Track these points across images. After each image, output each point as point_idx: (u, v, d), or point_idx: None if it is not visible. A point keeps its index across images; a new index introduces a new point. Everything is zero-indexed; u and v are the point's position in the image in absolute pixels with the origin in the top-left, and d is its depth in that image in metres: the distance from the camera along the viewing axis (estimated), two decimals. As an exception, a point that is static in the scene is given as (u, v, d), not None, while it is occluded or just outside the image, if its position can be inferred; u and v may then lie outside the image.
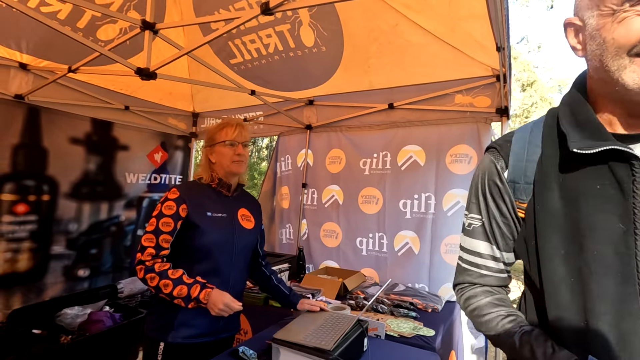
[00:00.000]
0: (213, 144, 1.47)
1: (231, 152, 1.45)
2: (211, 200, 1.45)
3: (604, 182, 0.59)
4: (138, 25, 1.57)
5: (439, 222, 2.33)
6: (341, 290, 2.15)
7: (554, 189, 0.65)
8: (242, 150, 1.47)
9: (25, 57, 2.21)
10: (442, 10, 1.80)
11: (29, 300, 2.31)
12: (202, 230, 1.36)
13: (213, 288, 1.28)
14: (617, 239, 0.58)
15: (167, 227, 1.34)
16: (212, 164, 1.48)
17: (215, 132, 1.49)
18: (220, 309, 1.24)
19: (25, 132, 2.30)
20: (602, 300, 0.59)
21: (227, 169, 1.46)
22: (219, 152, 1.46)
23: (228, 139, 1.45)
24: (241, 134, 1.48)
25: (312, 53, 2.41)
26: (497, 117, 2.16)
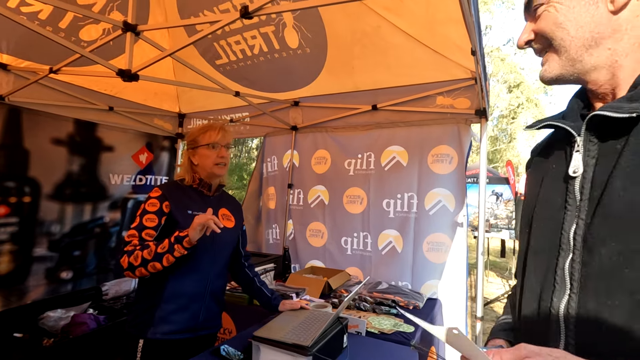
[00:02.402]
0: (196, 146, 1.50)
1: (214, 154, 1.48)
2: (192, 199, 1.48)
3: (559, 161, 0.63)
4: (120, 26, 1.57)
5: (421, 221, 2.38)
6: (325, 289, 2.18)
7: (532, 174, 0.71)
8: (225, 152, 1.50)
9: (6, 58, 2.19)
10: (421, 14, 1.84)
11: (11, 304, 2.27)
12: (183, 227, 1.38)
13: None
14: (555, 214, 0.60)
15: (151, 223, 1.36)
16: (194, 166, 1.51)
17: (198, 134, 1.51)
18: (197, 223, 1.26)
19: (5, 133, 2.27)
20: (534, 273, 0.62)
21: (209, 171, 1.49)
22: (202, 154, 1.48)
23: (211, 141, 1.48)
24: (224, 137, 1.51)
25: (296, 54, 2.44)
26: (477, 119, 2.22)
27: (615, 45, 0.55)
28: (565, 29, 0.58)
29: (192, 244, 1.28)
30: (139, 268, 1.28)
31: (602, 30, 0.55)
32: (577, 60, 0.58)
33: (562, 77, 0.61)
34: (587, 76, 0.59)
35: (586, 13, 0.56)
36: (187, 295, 1.40)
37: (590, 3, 0.56)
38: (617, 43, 0.55)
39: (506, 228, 6.72)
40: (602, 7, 0.55)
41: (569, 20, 0.58)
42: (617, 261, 0.49)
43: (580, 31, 0.57)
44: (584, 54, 0.58)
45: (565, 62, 0.60)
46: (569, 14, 0.58)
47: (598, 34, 0.56)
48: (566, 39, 0.58)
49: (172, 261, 1.29)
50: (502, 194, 8.45)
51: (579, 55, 0.58)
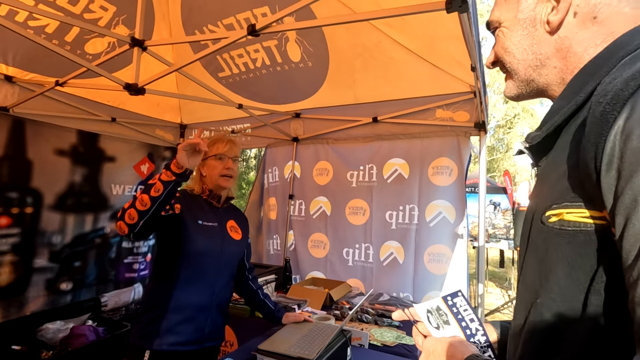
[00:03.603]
0: (205, 157, 1.53)
1: (221, 165, 1.51)
2: (202, 209, 1.50)
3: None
4: (127, 42, 1.60)
5: (422, 232, 2.40)
6: (327, 301, 2.18)
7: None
8: (231, 164, 1.53)
9: (11, 70, 2.21)
10: (422, 30, 1.89)
11: (10, 315, 2.26)
12: (192, 236, 1.40)
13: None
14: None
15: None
16: (203, 177, 1.55)
17: (207, 146, 1.54)
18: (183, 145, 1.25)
19: (9, 144, 2.28)
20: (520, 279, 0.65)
21: (216, 182, 1.52)
22: (210, 165, 1.52)
23: (218, 152, 1.51)
24: (231, 149, 1.55)
25: (298, 68, 2.48)
26: (476, 131, 2.26)
27: (560, 63, 0.56)
28: (512, 53, 0.60)
29: (181, 167, 1.24)
30: (129, 210, 1.22)
31: (544, 50, 0.57)
32: (529, 80, 0.60)
33: (521, 95, 0.63)
34: (546, 93, 0.61)
35: (527, 36, 0.58)
36: (194, 306, 1.41)
37: (530, 26, 0.58)
38: (561, 61, 0.56)
39: (504, 238, 6.72)
40: (540, 29, 0.57)
41: (514, 44, 0.60)
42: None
43: (524, 54, 0.59)
44: (533, 74, 0.59)
45: (519, 83, 0.62)
46: (513, 38, 0.60)
47: (541, 54, 0.57)
48: (513, 62, 0.61)
49: (160, 190, 1.22)
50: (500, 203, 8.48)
51: (528, 76, 0.60)
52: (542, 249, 0.51)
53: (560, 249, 0.47)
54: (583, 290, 0.45)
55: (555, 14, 0.54)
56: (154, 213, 1.23)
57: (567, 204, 0.47)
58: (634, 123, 0.38)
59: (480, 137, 2.22)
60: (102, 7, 2.13)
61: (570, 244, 0.46)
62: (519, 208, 5.11)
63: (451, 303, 0.71)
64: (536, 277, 0.52)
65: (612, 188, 0.40)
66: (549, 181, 0.52)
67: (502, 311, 5.20)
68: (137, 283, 3.03)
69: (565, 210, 0.47)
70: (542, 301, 0.50)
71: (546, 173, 0.54)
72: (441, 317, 0.70)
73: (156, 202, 1.22)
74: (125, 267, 3.01)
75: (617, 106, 0.40)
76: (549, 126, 0.53)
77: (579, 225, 0.45)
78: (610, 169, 0.40)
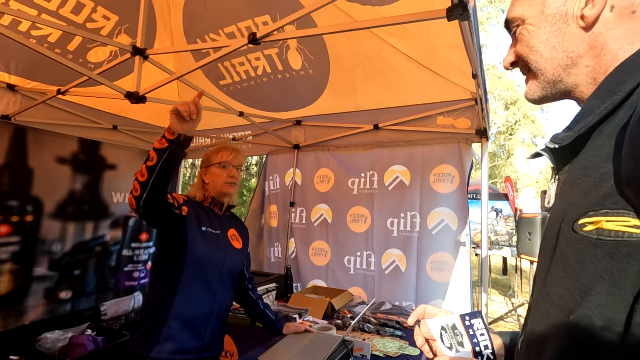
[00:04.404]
0: (208, 165, 1.54)
1: (225, 173, 1.52)
2: (206, 216, 1.51)
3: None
4: (129, 50, 1.61)
5: (424, 240, 2.38)
6: (328, 310, 2.16)
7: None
8: (235, 172, 1.55)
9: (14, 79, 2.23)
10: (422, 38, 1.89)
11: (9, 324, 2.24)
12: (196, 242, 1.39)
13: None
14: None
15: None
16: (206, 184, 1.55)
17: (212, 154, 1.57)
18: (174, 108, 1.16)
19: (10, 152, 2.28)
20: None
21: (219, 189, 1.53)
22: (213, 172, 1.53)
23: (223, 160, 1.52)
24: (236, 157, 1.56)
25: (299, 76, 2.49)
26: (477, 138, 2.25)
27: (593, 62, 0.53)
28: (539, 52, 0.57)
29: (172, 133, 1.18)
30: (134, 182, 1.21)
31: (576, 48, 0.53)
32: (557, 81, 0.56)
33: (545, 97, 0.59)
34: (572, 94, 0.57)
35: (557, 33, 0.54)
36: (195, 314, 1.39)
37: (561, 22, 0.54)
38: (594, 59, 0.52)
39: (507, 245, 6.67)
40: (572, 24, 0.53)
41: (541, 42, 0.56)
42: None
43: (553, 52, 0.55)
44: (562, 74, 0.55)
45: (545, 84, 0.58)
46: (540, 36, 0.56)
47: (573, 52, 0.53)
48: (540, 62, 0.57)
49: (154, 159, 1.18)
50: (502, 210, 8.43)
51: (556, 76, 0.56)
52: (574, 261, 0.46)
53: (598, 261, 0.43)
54: (626, 310, 0.40)
55: (591, 8, 0.50)
56: (154, 186, 1.18)
57: (607, 211, 0.42)
58: None
59: (482, 144, 2.21)
60: (104, 16, 2.15)
61: (610, 256, 0.42)
62: (521, 215, 5.08)
63: (469, 324, 0.66)
64: (566, 292, 0.47)
65: None
66: (581, 186, 0.47)
67: (506, 319, 5.14)
68: (137, 291, 3.00)
69: (605, 218, 0.42)
70: (576, 319, 0.45)
71: (576, 177, 0.49)
72: (456, 338, 0.65)
73: (153, 172, 1.17)
74: (125, 276, 2.99)
75: None
76: (581, 126, 0.49)
77: (622, 235, 0.41)
78: None
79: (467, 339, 0.64)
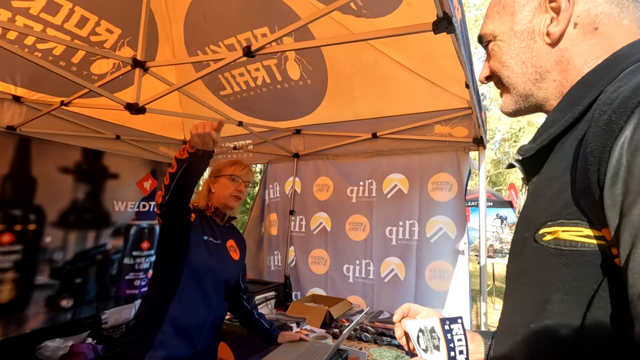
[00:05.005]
0: (218, 175, 1.57)
1: (233, 186, 1.56)
2: (208, 225, 1.54)
3: None
4: (129, 63, 1.65)
5: (423, 248, 2.38)
6: (326, 318, 2.15)
7: None
8: (243, 187, 1.59)
9: (20, 90, 2.28)
10: (417, 48, 1.92)
11: (10, 332, 2.26)
12: (196, 250, 1.41)
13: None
14: None
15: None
16: (211, 193, 1.59)
17: (224, 165, 1.61)
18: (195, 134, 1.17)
19: (15, 162, 2.33)
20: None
21: (224, 201, 1.56)
22: (222, 183, 1.56)
23: (235, 174, 1.56)
24: (247, 174, 1.61)
25: (298, 86, 2.52)
26: (475, 147, 2.26)
27: (560, 76, 0.54)
28: (510, 67, 0.58)
29: (192, 147, 1.22)
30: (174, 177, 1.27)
31: (544, 63, 0.55)
32: (528, 94, 0.58)
33: (519, 110, 0.61)
34: (543, 107, 0.58)
35: (526, 49, 0.56)
36: (189, 322, 1.41)
37: (529, 38, 0.56)
38: (561, 74, 0.54)
39: (511, 253, 6.60)
40: (539, 41, 0.55)
41: (512, 57, 0.58)
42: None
43: (523, 67, 0.57)
44: (532, 88, 0.57)
45: (517, 98, 0.60)
46: (510, 52, 0.58)
47: (541, 67, 0.55)
48: (512, 77, 0.59)
49: (174, 167, 1.25)
50: (507, 217, 8.35)
51: (527, 90, 0.58)
52: (536, 270, 0.47)
53: (556, 271, 0.44)
54: (580, 318, 0.41)
55: (556, 25, 0.52)
56: (175, 191, 1.27)
57: (563, 221, 0.44)
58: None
59: (479, 152, 2.22)
60: (107, 29, 2.21)
61: (567, 265, 0.43)
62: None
63: (448, 328, 0.67)
64: (529, 300, 0.48)
65: (618, 204, 0.37)
66: (544, 197, 0.49)
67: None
68: (138, 300, 3.02)
69: (561, 228, 0.44)
70: (537, 327, 0.46)
71: (540, 188, 0.51)
72: (433, 341, 0.66)
73: (174, 178, 1.25)
74: (126, 284, 3.00)
75: (623, 115, 0.37)
76: (543, 139, 0.51)
77: (576, 245, 0.42)
78: (616, 183, 0.37)
79: (444, 343, 0.65)
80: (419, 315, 0.72)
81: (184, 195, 1.32)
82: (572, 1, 0.51)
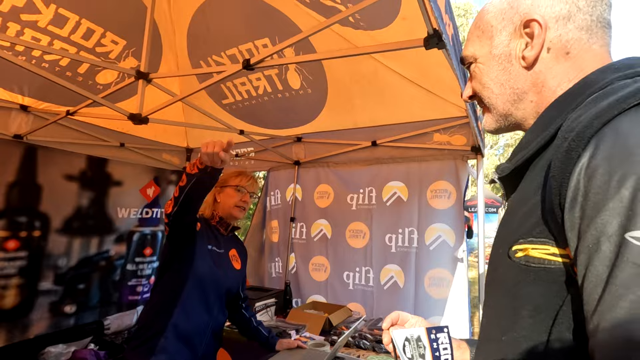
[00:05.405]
0: (224, 185, 1.60)
1: (238, 197, 1.59)
2: (212, 234, 1.57)
3: None
4: (133, 74, 1.70)
5: (422, 256, 2.39)
6: (326, 326, 2.16)
7: None
8: (247, 198, 1.63)
9: (27, 100, 2.34)
10: (415, 59, 1.95)
11: (13, 338, 2.29)
12: (200, 259, 1.44)
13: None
14: None
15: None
16: (217, 203, 1.62)
17: (231, 176, 1.65)
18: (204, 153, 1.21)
19: (21, 170, 2.38)
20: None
21: (229, 211, 1.59)
22: (228, 194, 1.59)
23: (241, 185, 1.60)
24: (252, 185, 1.65)
25: (298, 95, 2.56)
26: (473, 155, 2.28)
27: (536, 97, 0.57)
28: (490, 88, 0.61)
29: (202, 164, 1.26)
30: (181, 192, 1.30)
31: (520, 85, 0.58)
32: (507, 114, 0.61)
33: (500, 129, 0.64)
34: (522, 126, 0.61)
35: (504, 71, 0.59)
36: (191, 329, 1.43)
37: (506, 62, 0.58)
38: (537, 95, 0.57)
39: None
40: (516, 64, 0.57)
41: (491, 79, 0.60)
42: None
43: (502, 88, 0.60)
44: (511, 109, 0.60)
45: (498, 117, 0.62)
46: (490, 74, 0.60)
47: (518, 89, 0.58)
48: (492, 97, 0.61)
49: (184, 180, 1.29)
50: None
51: (506, 110, 0.60)
52: (508, 285, 0.49)
53: (526, 286, 0.46)
54: (547, 333, 0.43)
55: (530, 50, 0.55)
56: (183, 203, 1.30)
57: (532, 239, 0.46)
58: (598, 161, 0.38)
59: (477, 160, 2.24)
60: (113, 41, 2.27)
61: (534, 282, 0.45)
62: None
63: (434, 337, 0.68)
64: (501, 314, 0.50)
65: (576, 227, 0.39)
66: (517, 215, 0.51)
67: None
68: (140, 306, 3.05)
69: (531, 245, 0.46)
70: (507, 340, 0.48)
71: (514, 206, 0.53)
72: (419, 350, 0.67)
73: (183, 192, 1.28)
74: (129, 290, 3.03)
75: (581, 143, 0.40)
76: (518, 159, 0.53)
77: (544, 263, 0.44)
78: (574, 207, 0.39)
79: (429, 352, 0.66)
80: (407, 324, 0.75)
81: (192, 208, 1.35)
82: (544, 27, 0.54)
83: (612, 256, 0.35)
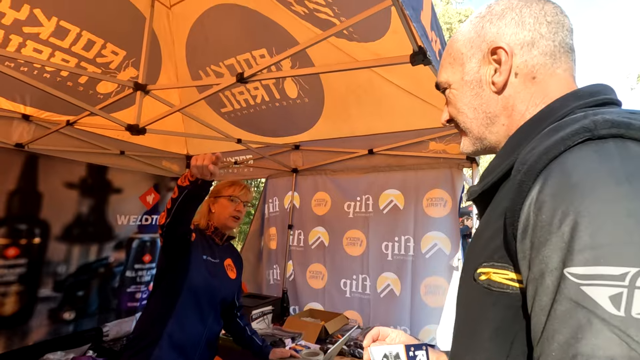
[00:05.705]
0: (218, 195, 1.63)
1: (232, 207, 1.61)
2: (207, 244, 1.59)
3: None
4: (130, 86, 1.73)
5: (418, 264, 2.40)
6: (322, 334, 2.17)
7: None
8: (241, 208, 1.64)
9: (29, 109, 2.38)
10: (407, 70, 1.95)
11: (13, 345, 2.31)
12: (195, 269, 1.46)
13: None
14: None
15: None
16: (211, 213, 1.64)
17: (224, 186, 1.67)
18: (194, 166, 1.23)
19: (22, 178, 2.41)
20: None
21: (224, 221, 1.61)
22: (221, 204, 1.61)
23: (234, 194, 1.61)
24: (245, 194, 1.66)
25: (296, 104, 2.59)
26: (468, 164, 2.29)
27: (507, 121, 0.58)
28: (464, 113, 0.63)
29: (193, 176, 1.28)
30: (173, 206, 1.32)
31: (492, 109, 0.59)
32: (482, 137, 0.62)
33: (477, 151, 0.65)
34: (496, 149, 0.62)
35: (476, 96, 0.60)
36: (186, 339, 1.44)
37: (478, 87, 0.60)
38: (507, 119, 0.58)
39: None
40: (487, 89, 0.59)
41: (465, 104, 0.62)
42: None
43: (476, 113, 0.61)
44: (485, 132, 0.61)
45: (474, 140, 0.64)
46: (464, 99, 0.62)
47: (490, 113, 0.60)
48: (467, 122, 0.63)
49: (176, 192, 1.31)
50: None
51: (481, 133, 0.62)
52: (473, 306, 0.51)
53: (487, 309, 0.47)
54: (505, 357, 0.44)
55: (499, 76, 0.57)
56: (175, 215, 1.31)
57: (494, 264, 0.47)
58: (545, 196, 0.39)
59: (472, 169, 2.25)
60: (113, 52, 2.31)
61: (495, 305, 0.46)
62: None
63: (412, 354, 0.69)
64: (466, 333, 0.52)
65: (527, 257, 0.41)
66: (482, 238, 0.52)
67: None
68: (139, 312, 3.06)
69: (493, 270, 0.47)
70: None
71: (482, 229, 0.55)
72: None
73: (175, 204, 1.30)
74: (128, 297, 3.05)
75: (531, 177, 0.41)
76: (485, 183, 0.55)
77: (503, 287, 0.45)
78: (525, 238, 0.41)
79: None
80: (387, 338, 0.76)
81: (184, 219, 1.37)
82: (510, 54, 0.56)
83: (554, 289, 0.37)
